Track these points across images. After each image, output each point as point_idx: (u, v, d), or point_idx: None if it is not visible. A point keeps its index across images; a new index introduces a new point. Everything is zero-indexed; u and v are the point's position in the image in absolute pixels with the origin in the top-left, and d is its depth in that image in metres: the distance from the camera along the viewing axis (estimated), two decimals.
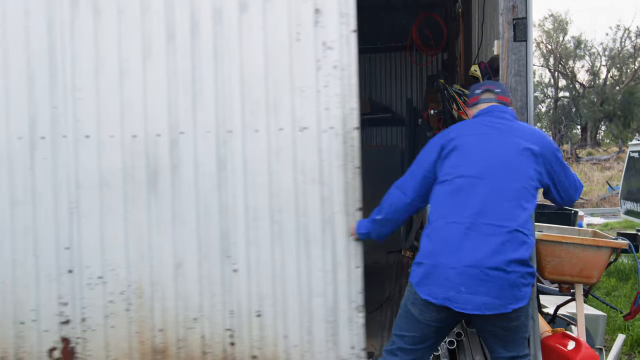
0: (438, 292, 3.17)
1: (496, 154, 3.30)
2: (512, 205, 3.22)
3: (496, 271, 3.12)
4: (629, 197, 10.35)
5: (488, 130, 3.40)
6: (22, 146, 4.04)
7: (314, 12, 3.84)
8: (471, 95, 3.66)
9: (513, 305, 3.16)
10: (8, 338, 4.10)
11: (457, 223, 3.21)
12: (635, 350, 5.85)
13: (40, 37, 4.01)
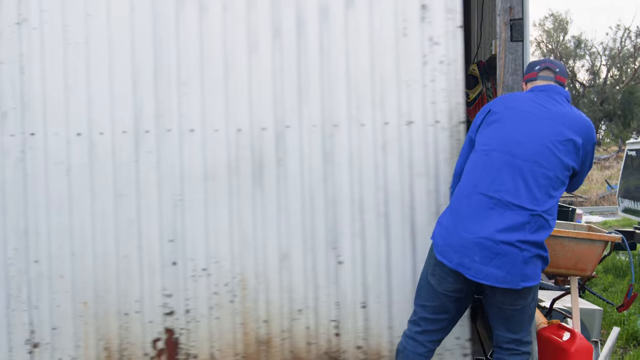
0: (453, 256, 3.29)
1: (539, 138, 3.35)
2: (542, 192, 3.29)
3: (509, 246, 3.22)
4: (626, 195, 10.50)
5: (537, 110, 3.43)
6: (127, 140, 4.10)
7: (420, 8, 3.92)
8: (529, 70, 3.70)
9: (523, 282, 3.27)
10: (112, 329, 4.16)
11: (485, 195, 3.30)
12: (630, 344, 6.01)
13: (145, 33, 4.07)
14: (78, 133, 4.11)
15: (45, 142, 4.12)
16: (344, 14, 3.97)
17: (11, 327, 4.18)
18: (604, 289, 8.24)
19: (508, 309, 3.40)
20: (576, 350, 3.86)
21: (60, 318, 4.16)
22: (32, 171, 4.14)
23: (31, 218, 4.15)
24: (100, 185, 4.12)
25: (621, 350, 5.92)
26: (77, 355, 4.17)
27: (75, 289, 4.16)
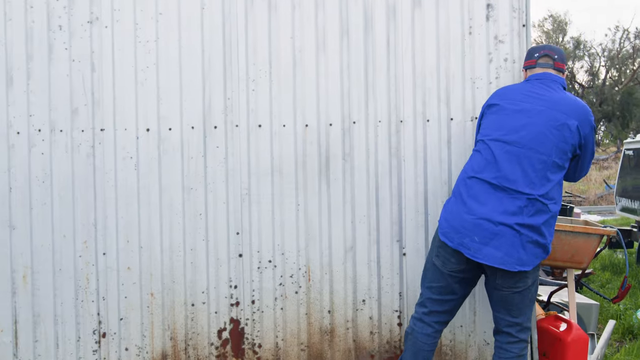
0: (454, 237, 3.49)
1: (534, 125, 3.53)
2: (539, 176, 3.48)
3: (507, 228, 3.41)
4: (624, 195, 10.68)
5: (532, 99, 3.61)
6: (195, 135, 4.21)
7: (486, 7, 4.04)
8: (529, 57, 3.84)
9: (519, 266, 3.46)
10: (178, 320, 4.26)
11: (484, 181, 3.51)
12: (626, 337, 6.17)
13: (215, 30, 4.18)
14: (147, 128, 4.21)
15: (114, 137, 4.23)
16: (411, 13, 4.09)
17: (79, 318, 4.28)
18: (602, 286, 8.46)
19: (507, 292, 3.58)
20: (572, 340, 4.06)
21: (128, 309, 4.27)
22: (101, 166, 4.24)
23: (100, 212, 4.25)
24: (169, 180, 4.23)
25: (617, 343, 6.10)
26: (143, 345, 4.27)
27: (142, 280, 4.26)
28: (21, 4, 4.21)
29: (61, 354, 4.29)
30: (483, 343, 4.12)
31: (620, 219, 15.25)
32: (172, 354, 4.26)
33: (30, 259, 4.27)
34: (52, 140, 4.23)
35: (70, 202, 4.25)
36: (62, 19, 4.21)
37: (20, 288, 4.28)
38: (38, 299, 4.28)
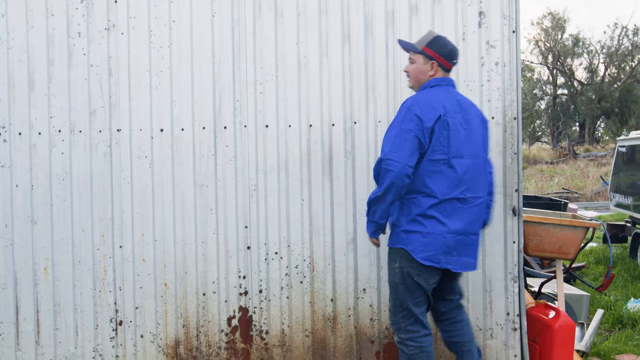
0: (441, 258, 3.63)
1: (477, 134, 3.77)
2: (489, 178, 3.93)
3: (474, 235, 3.74)
4: (617, 191, 10.91)
5: (464, 108, 3.74)
6: (206, 135, 4.48)
7: (478, 15, 4.31)
8: (450, 59, 3.80)
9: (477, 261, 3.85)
10: (190, 308, 4.54)
11: (456, 199, 3.65)
12: (616, 327, 6.45)
13: (224, 36, 4.45)
14: (161, 129, 4.49)
15: (130, 137, 4.50)
16: (408, 20, 4.35)
17: (97, 307, 4.56)
18: (595, 278, 8.72)
19: (456, 283, 3.96)
20: (560, 327, 4.36)
21: (143, 298, 4.54)
22: (118, 164, 4.51)
23: (117, 207, 4.53)
24: (181, 177, 4.50)
25: (607, 332, 6.35)
26: (157, 333, 4.55)
27: (156, 271, 4.54)
28: (42, 12, 4.48)
29: (80, 341, 4.56)
30: (476, 328, 4.39)
31: (616, 215, 15.53)
32: (185, 340, 4.54)
33: (51, 252, 4.55)
34: (72, 141, 4.51)
35: (88, 199, 4.52)
36: (81, 26, 4.48)
37: (42, 279, 4.55)
38: (58, 290, 4.56)
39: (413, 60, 3.79)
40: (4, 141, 4.50)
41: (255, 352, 4.50)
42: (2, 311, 4.58)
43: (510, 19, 4.28)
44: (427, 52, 3.74)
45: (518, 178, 4.33)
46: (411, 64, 3.81)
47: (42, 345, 4.57)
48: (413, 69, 3.79)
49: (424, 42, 3.76)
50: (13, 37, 4.49)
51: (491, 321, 4.37)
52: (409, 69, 3.83)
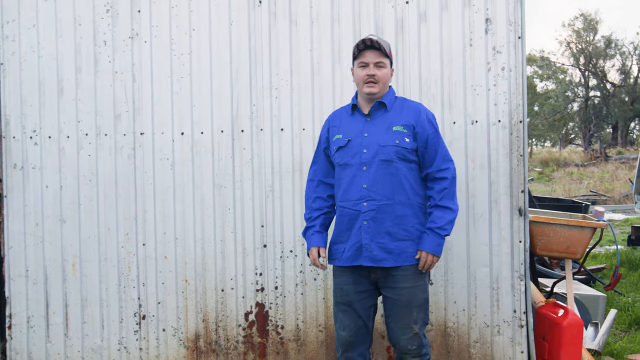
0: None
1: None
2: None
3: None
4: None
5: None
6: (225, 138, 4.70)
7: (485, 22, 4.46)
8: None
9: None
10: (210, 304, 4.75)
11: None
12: (632, 327, 6.48)
13: (242, 44, 4.66)
14: (182, 132, 4.72)
15: (153, 140, 4.74)
16: (417, 27, 4.52)
17: (122, 302, 4.80)
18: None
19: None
20: (568, 324, 4.47)
21: (165, 294, 4.77)
22: (141, 166, 4.75)
23: (140, 206, 4.77)
24: (201, 178, 4.72)
25: (623, 333, 6.40)
26: (178, 327, 4.77)
27: (177, 268, 4.76)
28: (71, 22, 4.74)
29: (106, 334, 4.81)
30: (483, 325, 4.54)
31: None
32: (204, 334, 4.75)
33: (78, 249, 4.80)
34: (98, 144, 4.76)
35: (113, 199, 4.77)
36: (107, 35, 4.73)
37: (70, 275, 4.81)
38: (85, 285, 4.81)
39: (383, 65, 3.58)
40: (35, 144, 4.77)
41: (271, 346, 4.70)
42: (33, 305, 4.85)
43: (516, 25, 4.42)
44: (391, 58, 3.68)
45: (524, 179, 4.46)
46: (381, 68, 3.58)
47: (71, 337, 4.83)
48: (384, 74, 3.60)
49: (387, 46, 3.62)
50: (43, 45, 4.76)
51: (498, 318, 4.51)
52: (378, 74, 3.56)
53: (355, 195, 3.54)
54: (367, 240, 3.52)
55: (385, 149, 3.51)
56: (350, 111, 3.70)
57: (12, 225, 4.84)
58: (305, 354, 4.67)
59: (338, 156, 3.64)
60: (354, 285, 3.60)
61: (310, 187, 3.83)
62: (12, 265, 4.85)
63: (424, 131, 3.57)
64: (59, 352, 4.84)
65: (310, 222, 3.77)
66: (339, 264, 3.64)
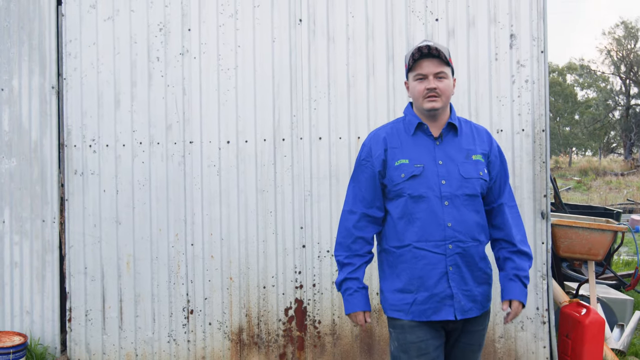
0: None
1: None
2: None
3: None
4: None
5: None
6: (267, 146, 5.08)
7: (509, 37, 4.77)
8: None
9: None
10: (252, 299, 5.13)
11: None
12: None
13: (283, 59, 5.05)
14: (228, 141, 5.11)
15: (201, 148, 5.14)
16: (446, 42, 4.85)
17: (172, 298, 5.20)
18: None
19: None
20: (590, 323, 4.72)
21: (211, 290, 5.16)
22: (190, 172, 5.16)
23: (189, 210, 5.17)
24: (245, 183, 5.11)
25: None
26: (223, 321, 5.15)
27: (223, 266, 5.15)
28: (127, 40, 5.18)
29: (157, 327, 5.22)
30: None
31: None
32: (247, 328, 5.13)
33: (132, 249, 5.23)
34: (151, 152, 5.18)
35: (164, 202, 5.19)
36: (160, 51, 5.16)
37: (124, 273, 5.24)
38: (139, 282, 5.23)
39: (445, 75, 3.00)
40: (94, 152, 5.22)
41: (309, 339, 5.05)
42: (91, 300, 5.28)
43: (539, 40, 4.72)
44: (452, 66, 3.10)
45: (546, 185, 4.75)
46: (442, 79, 3.00)
47: (125, 330, 5.25)
48: (447, 85, 3.01)
49: (447, 52, 3.04)
50: (102, 62, 5.21)
51: (522, 315, 4.79)
52: (440, 86, 2.98)
53: (438, 235, 2.94)
54: (455, 289, 2.96)
55: (470, 181, 2.98)
56: (413, 131, 3.06)
57: (72, 226, 5.29)
58: (341, 347, 5.01)
59: (409, 186, 2.97)
60: (433, 341, 3.00)
61: (349, 219, 3.11)
62: (72, 263, 5.30)
63: (496, 161, 3.12)
64: (114, 344, 5.27)
65: (350, 273, 3.09)
66: (408, 318, 2.99)
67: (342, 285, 3.10)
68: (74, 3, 5.25)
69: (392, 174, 3.00)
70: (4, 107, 5.37)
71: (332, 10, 4.96)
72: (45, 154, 5.33)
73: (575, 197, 22.39)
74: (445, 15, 4.82)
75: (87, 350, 5.31)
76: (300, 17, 5.01)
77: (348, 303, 3.08)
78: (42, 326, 5.39)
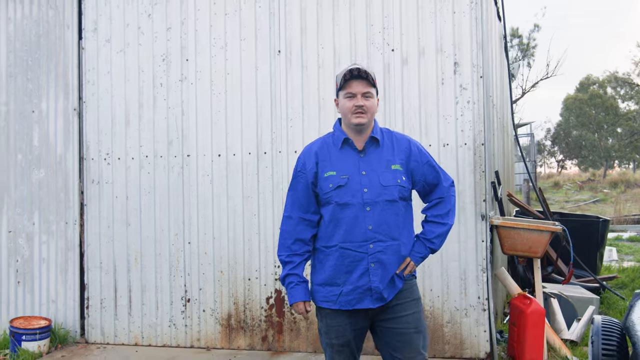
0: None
1: None
2: None
3: None
4: None
5: None
6: (251, 159, 5.96)
7: (453, 64, 5.56)
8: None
9: None
10: (239, 290, 5.98)
11: None
12: None
13: (264, 84, 5.94)
14: (219, 154, 6.01)
15: (196, 160, 6.05)
16: (400, 70, 5.67)
17: (172, 288, 6.09)
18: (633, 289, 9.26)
19: None
20: (531, 312, 5.42)
21: (205, 282, 6.04)
22: (187, 181, 6.07)
23: (186, 213, 6.07)
24: (233, 190, 5.99)
25: None
26: (215, 308, 6.02)
27: (215, 261, 6.02)
28: (135, 69, 6.15)
29: (160, 313, 6.11)
30: (454, 309, 5.57)
31: None
32: (235, 314, 5.98)
33: (139, 246, 6.15)
34: (155, 163, 6.12)
35: (166, 206, 6.10)
36: (162, 78, 6.11)
37: (133, 267, 6.16)
38: (144, 275, 6.15)
39: (371, 95, 3.38)
40: (108, 164, 6.18)
41: (287, 324, 5.88)
42: (105, 290, 6.22)
43: (478, 67, 5.50)
44: (377, 87, 3.48)
45: (486, 191, 5.50)
46: (369, 98, 3.37)
47: (133, 316, 6.16)
48: (372, 104, 3.39)
49: (373, 75, 3.43)
50: (115, 87, 6.19)
51: (466, 303, 5.53)
52: (366, 104, 3.35)
53: (360, 236, 3.30)
54: (376, 283, 3.31)
55: (388, 188, 3.34)
56: (340, 145, 3.42)
57: (90, 227, 6.26)
58: (313, 331, 5.82)
59: (336, 195, 3.33)
60: (351, 326, 3.40)
61: (288, 224, 3.48)
62: (90, 259, 6.26)
63: (417, 165, 3.47)
64: (124, 327, 6.18)
65: (291, 269, 3.45)
66: (335, 307, 3.37)
67: (285, 280, 3.46)
68: (92, 38, 6.26)
69: (322, 184, 3.37)
70: (34, 126, 6.39)
71: (305, 43, 5.83)
72: (68, 166, 6.32)
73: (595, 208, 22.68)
74: (400, 46, 5.65)
75: (102, 333, 6.24)
76: (279, 49, 5.89)
77: (290, 295, 3.44)
78: (65, 313, 6.35)
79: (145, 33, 6.16)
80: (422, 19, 5.60)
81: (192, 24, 6.07)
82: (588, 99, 46.28)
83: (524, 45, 33.24)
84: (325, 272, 3.39)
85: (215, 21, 6.02)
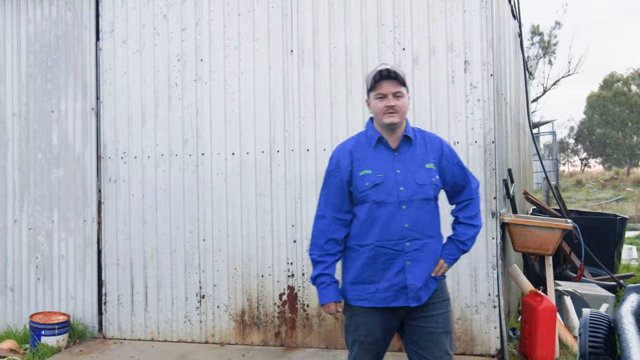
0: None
1: None
2: None
3: None
4: None
5: None
6: (264, 157, 6.04)
7: (464, 63, 5.60)
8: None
9: None
10: (253, 286, 6.07)
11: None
12: None
13: (277, 84, 6.02)
14: (232, 153, 6.11)
15: (211, 159, 6.15)
16: (411, 68, 5.72)
17: (187, 285, 6.20)
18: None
19: None
20: (542, 309, 5.44)
21: (219, 278, 6.14)
22: (202, 179, 6.17)
23: (201, 210, 6.17)
24: (247, 188, 6.08)
25: None
26: (229, 304, 6.11)
27: (229, 258, 6.12)
28: (151, 69, 6.26)
29: (175, 309, 6.22)
30: (465, 306, 5.61)
31: None
32: (249, 310, 6.07)
33: (155, 244, 6.27)
34: (170, 162, 6.23)
35: (181, 204, 6.21)
36: (177, 78, 6.22)
37: (149, 264, 6.27)
38: (160, 271, 6.26)
39: (401, 94, 3.43)
40: (125, 163, 6.30)
41: (299, 320, 5.96)
42: (122, 286, 6.34)
43: (489, 65, 5.54)
44: (407, 86, 3.52)
45: (496, 188, 5.54)
46: (400, 97, 3.42)
47: (149, 311, 6.28)
48: (403, 103, 3.44)
49: (403, 74, 3.47)
50: (131, 87, 6.31)
51: (476, 300, 5.57)
52: (397, 104, 3.40)
53: (396, 234, 3.34)
54: (412, 281, 3.35)
55: (424, 187, 3.39)
56: (374, 144, 3.45)
57: (107, 225, 6.38)
58: (325, 327, 5.89)
59: (373, 193, 3.36)
60: (381, 325, 3.42)
61: (321, 223, 3.51)
62: (107, 256, 6.38)
63: (448, 165, 3.54)
64: (140, 323, 6.30)
65: (323, 269, 3.48)
66: (369, 305, 3.40)
67: (316, 280, 3.49)
68: (109, 39, 6.38)
69: (358, 183, 3.39)
70: (54, 126, 6.53)
71: (317, 42, 5.91)
72: (86, 164, 6.45)
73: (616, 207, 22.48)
74: (411, 45, 5.70)
75: (119, 329, 6.37)
76: (292, 48, 5.97)
77: (322, 295, 3.47)
78: (83, 309, 6.48)
79: (160, 34, 6.27)
80: (433, 17, 5.65)
81: (206, 24, 6.17)
82: (612, 96, 45.87)
83: (544, 43, 33.02)
84: (358, 271, 3.41)
85: (229, 22, 6.12)
